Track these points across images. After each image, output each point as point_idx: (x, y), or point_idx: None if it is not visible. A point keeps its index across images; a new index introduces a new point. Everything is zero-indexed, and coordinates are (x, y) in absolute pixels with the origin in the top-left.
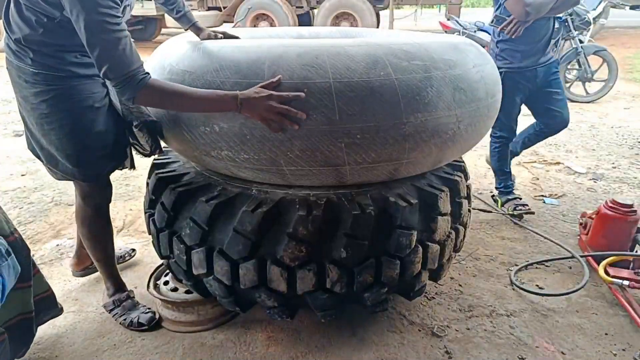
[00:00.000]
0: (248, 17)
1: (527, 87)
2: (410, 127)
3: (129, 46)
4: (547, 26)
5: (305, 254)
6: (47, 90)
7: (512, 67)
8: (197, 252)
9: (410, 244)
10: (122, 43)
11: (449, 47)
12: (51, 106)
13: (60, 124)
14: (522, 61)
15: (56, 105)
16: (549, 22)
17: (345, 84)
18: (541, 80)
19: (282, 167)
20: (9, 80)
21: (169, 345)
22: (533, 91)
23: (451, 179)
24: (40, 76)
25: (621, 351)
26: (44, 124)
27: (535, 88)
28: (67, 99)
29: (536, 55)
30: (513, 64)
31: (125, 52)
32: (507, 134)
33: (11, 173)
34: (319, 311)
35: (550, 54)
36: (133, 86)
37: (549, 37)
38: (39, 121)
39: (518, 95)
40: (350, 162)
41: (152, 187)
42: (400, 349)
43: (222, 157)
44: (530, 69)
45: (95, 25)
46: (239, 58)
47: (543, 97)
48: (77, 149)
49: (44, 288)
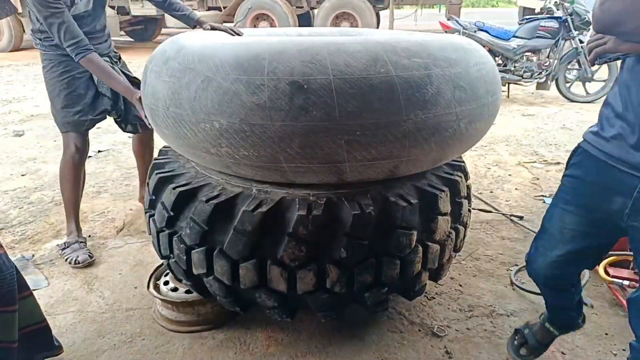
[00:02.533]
0: (248, 17)
1: (609, 207)
2: (410, 124)
3: (69, 29)
4: None
5: (305, 254)
6: (47, 65)
7: (597, 145)
8: (197, 252)
9: (411, 244)
10: (63, 27)
11: (449, 45)
12: (48, 75)
13: (53, 88)
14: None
15: (51, 75)
16: None
17: (345, 81)
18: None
19: (281, 164)
20: (8, 80)
21: (169, 345)
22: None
23: (451, 179)
24: (45, 56)
25: (621, 351)
26: (48, 90)
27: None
28: (57, 70)
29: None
30: (600, 142)
31: (66, 33)
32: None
33: (11, 173)
34: (319, 311)
35: None
36: (74, 56)
37: None
38: (47, 88)
39: (583, 214)
40: (350, 159)
41: (152, 187)
42: (400, 349)
43: (222, 154)
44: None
45: (45, 17)
46: (239, 54)
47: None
48: (62, 106)
49: (37, 319)
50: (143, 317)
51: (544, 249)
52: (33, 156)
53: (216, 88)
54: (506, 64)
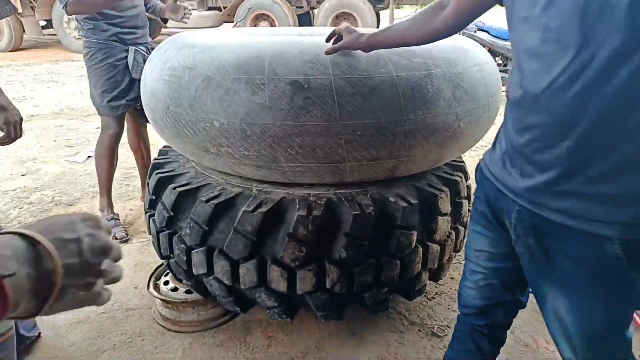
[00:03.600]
0: (248, 17)
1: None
2: (410, 124)
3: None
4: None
5: (305, 254)
6: (88, 52)
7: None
8: (197, 252)
9: (411, 244)
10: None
11: (450, 45)
12: (89, 62)
13: (93, 74)
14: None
15: (91, 62)
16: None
17: (346, 81)
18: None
19: (281, 164)
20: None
21: (169, 345)
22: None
23: (451, 179)
24: (87, 43)
25: None
26: (89, 75)
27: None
28: (97, 57)
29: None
30: (490, 162)
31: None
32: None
33: (11, 173)
34: (319, 311)
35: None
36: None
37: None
38: (88, 73)
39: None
40: (350, 159)
41: (152, 187)
42: (400, 349)
43: (222, 153)
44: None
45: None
46: (239, 54)
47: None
48: (101, 91)
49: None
50: (143, 317)
51: (469, 274)
52: (33, 156)
53: (216, 87)
54: (506, 64)
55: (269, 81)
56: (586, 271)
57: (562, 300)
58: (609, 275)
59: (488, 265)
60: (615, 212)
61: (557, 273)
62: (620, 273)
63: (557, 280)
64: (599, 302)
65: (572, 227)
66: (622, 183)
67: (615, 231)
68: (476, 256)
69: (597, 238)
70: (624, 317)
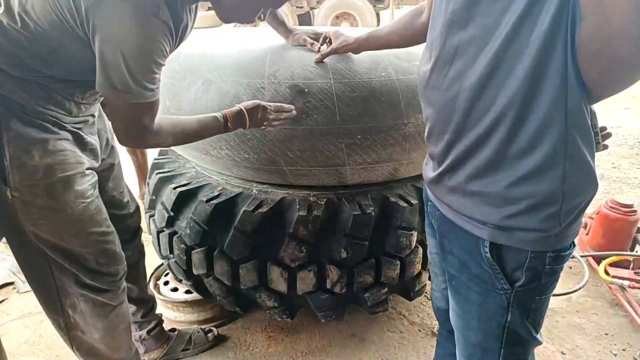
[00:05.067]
0: None
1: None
2: (410, 127)
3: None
4: None
5: (305, 255)
6: None
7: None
8: (197, 252)
9: (411, 244)
10: None
11: None
12: None
13: None
14: None
15: None
16: None
17: (346, 85)
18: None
19: (282, 167)
20: None
21: None
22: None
23: None
24: None
25: (621, 351)
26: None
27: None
28: None
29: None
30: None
31: None
32: None
33: None
34: (319, 311)
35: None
36: None
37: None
38: None
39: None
40: (350, 162)
41: (152, 187)
42: (400, 349)
43: (222, 156)
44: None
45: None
46: (239, 57)
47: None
48: None
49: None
50: None
51: (433, 278)
52: None
53: (216, 90)
54: None
55: (269, 85)
56: (467, 275)
57: (452, 304)
58: (482, 283)
59: (442, 267)
60: (489, 213)
61: (449, 274)
62: (491, 282)
63: (449, 281)
64: (475, 311)
65: (457, 224)
66: (495, 182)
67: (485, 233)
68: (433, 259)
69: (474, 239)
70: (498, 336)
